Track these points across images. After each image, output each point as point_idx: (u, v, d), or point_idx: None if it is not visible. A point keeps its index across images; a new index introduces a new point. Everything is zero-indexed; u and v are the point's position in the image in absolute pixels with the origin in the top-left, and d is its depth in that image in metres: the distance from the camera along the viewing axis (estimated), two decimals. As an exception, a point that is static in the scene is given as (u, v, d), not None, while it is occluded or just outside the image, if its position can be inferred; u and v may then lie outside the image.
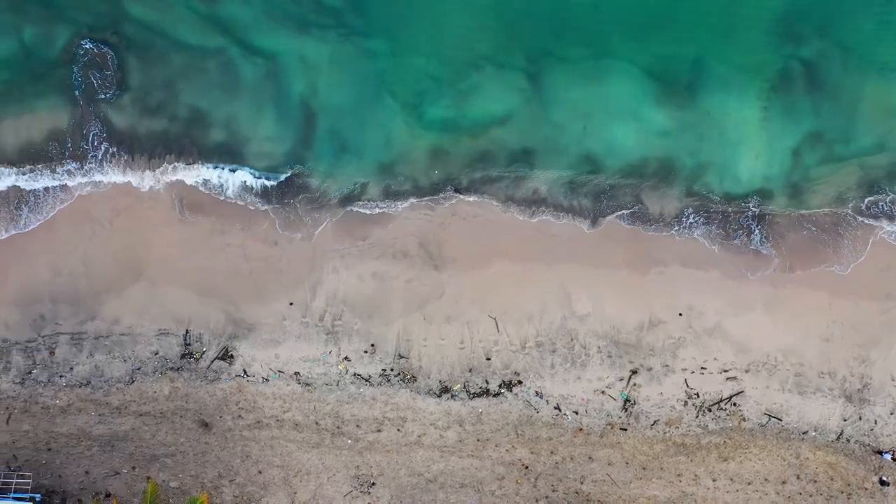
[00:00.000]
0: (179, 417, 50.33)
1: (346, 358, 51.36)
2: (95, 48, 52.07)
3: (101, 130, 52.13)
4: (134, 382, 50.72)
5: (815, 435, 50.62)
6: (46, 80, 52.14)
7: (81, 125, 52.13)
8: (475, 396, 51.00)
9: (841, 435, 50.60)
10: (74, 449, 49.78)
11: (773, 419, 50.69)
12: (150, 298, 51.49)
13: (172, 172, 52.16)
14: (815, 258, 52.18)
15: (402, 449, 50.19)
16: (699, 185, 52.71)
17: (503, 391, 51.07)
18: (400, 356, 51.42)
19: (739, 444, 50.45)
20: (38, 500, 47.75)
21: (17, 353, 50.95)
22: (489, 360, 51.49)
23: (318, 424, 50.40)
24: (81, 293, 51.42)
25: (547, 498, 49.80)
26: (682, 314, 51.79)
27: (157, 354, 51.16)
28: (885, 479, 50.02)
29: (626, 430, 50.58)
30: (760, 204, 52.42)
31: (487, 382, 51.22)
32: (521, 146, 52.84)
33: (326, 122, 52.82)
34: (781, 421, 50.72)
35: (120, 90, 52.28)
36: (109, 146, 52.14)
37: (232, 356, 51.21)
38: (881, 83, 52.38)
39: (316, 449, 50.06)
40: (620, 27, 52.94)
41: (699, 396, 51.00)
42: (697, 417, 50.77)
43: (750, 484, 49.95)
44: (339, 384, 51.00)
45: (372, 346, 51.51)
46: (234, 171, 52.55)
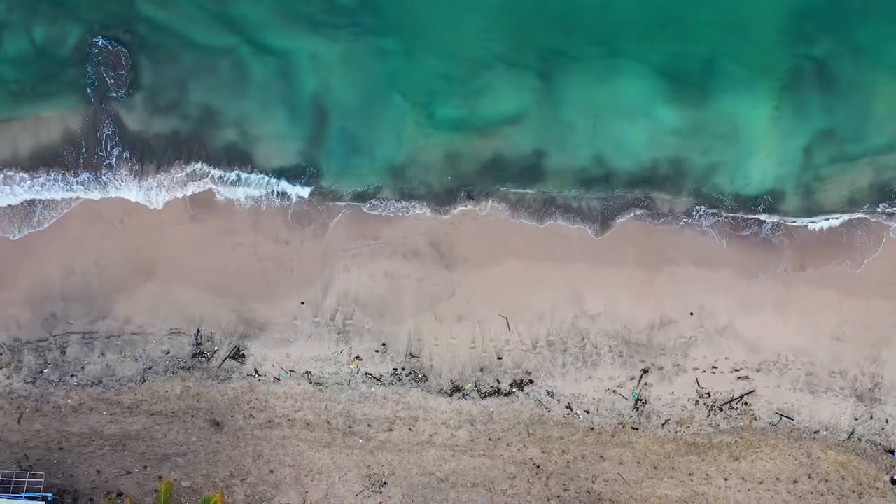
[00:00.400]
0: (191, 417, 50.30)
1: (357, 357, 51.32)
2: (109, 45, 52.06)
3: (114, 132, 51.95)
4: (145, 382, 50.69)
5: (826, 434, 50.59)
6: (59, 79, 51.99)
7: (95, 127, 51.97)
8: (486, 396, 50.97)
9: (852, 434, 50.59)
10: (86, 448, 49.74)
11: (784, 418, 50.67)
12: (161, 298, 51.43)
13: (186, 180, 52.03)
14: (826, 254, 52.11)
15: (413, 448, 50.16)
16: (710, 184, 52.66)
17: (514, 390, 51.05)
18: (411, 355, 51.38)
19: (751, 443, 50.42)
20: (49, 499, 47.65)
21: (28, 352, 50.90)
22: (500, 359, 51.47)
23: (329, 424, 50.37)
24: (93, 292, 51.37)
25: (558, 497, 49.77)
26: (693, 314, 51.74)
27: (168, 354, 51.12)
28: (896, 478, 50.13)
29: (637, 429, 50.57)
30: (772, 203, 52.45)
31: (499, 382, 51.20)
32: (532, 146, 52.74)
33: (337, 121, 52.72)
34: (793, 420, 50.70)
35: (133, 89, 52.15)
36: (122, 150, 51.97)
37: (243, 355, 51.17)
38: (893, 82, 52.31)
39: (327, 448, 50.03)
40: (631, 26, 52.88)
41: (710, 396, 50.98)
42: (709, 417, 50.75)
43: (761, 483, 49.93)
44: (350, 383, 50.97)
45: (383, 345, 51.48)
46: (245, 171, 52.50)
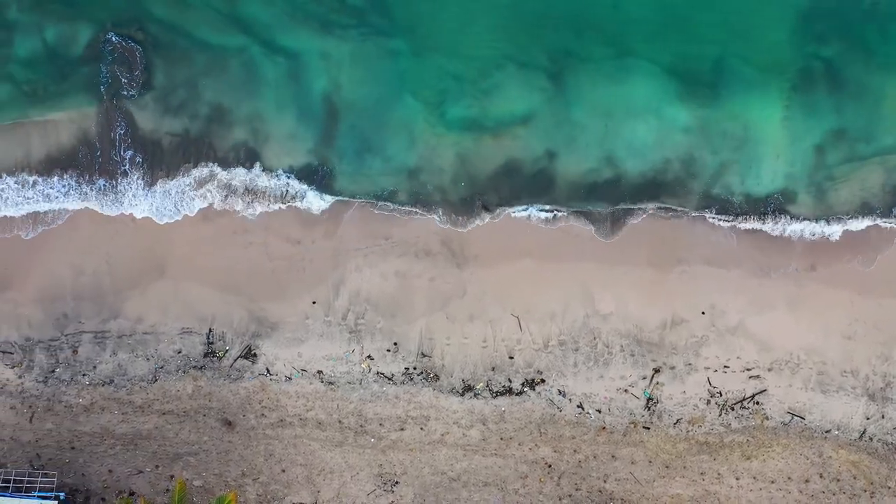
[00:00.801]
0: (202, 416, 50.27)
1: (369, 356, 51.32)
2: (123, 42, 52.14)
3: (126, 133, 52.02)
4: (157, 381, 50.67)
5: (837, 433, 50.56)
6: (71, 79, 52.12)
7: (108, 127, 52.04)
8: (498, 395, 50.95)
9: (864, 433, 50.55)
10: (98, 448, 49.70)
11: (795, 418, 50.65)
12: (172, 297, 51.46)
13: (201, 190, 52.26)
14: (837, 253, 52.13)
15: (425, 447, 50.13)
16: (721, 183, 52.66)
17: (526, 390, 51.03)
18: (423, 355, 51.37)
19: (762, 442, 50.39)
20: (62, 498, 47.61)
21: (40, 351, 50.90)
22: (512, 358, 51.46)
23: (341, 423, 50.33)
24: (104, 291, 51.38)
25: (570, 496, 49.73)
26: (704, 313, 51.73)
27: (180, 353, 51.11)
28: (908, 477, 50.07)
29: (649, 428, 50.54)
30: (782, 203, 52.50)
31: (510, 381, 51.18)
32: (543, 147, 52.73)
33: (348, 121, 52.72)
34: (804, 419, 50.67)
35: (146, 89, 52.26)
36: (135, 153, 52.04)
37: (255, 355, 51.16)
38: (904, 82, 52.64)
39: (339, 447, 49.99)
40: (641, 26, 52.88)
41: (722, 395, 50.95)
42: (720, 416, 50.73)
43: (773, 482, 49.89)
44: (362, 383, 50.95)
45: (395, 344, 51.48)
46: (256, 171, 52.55)
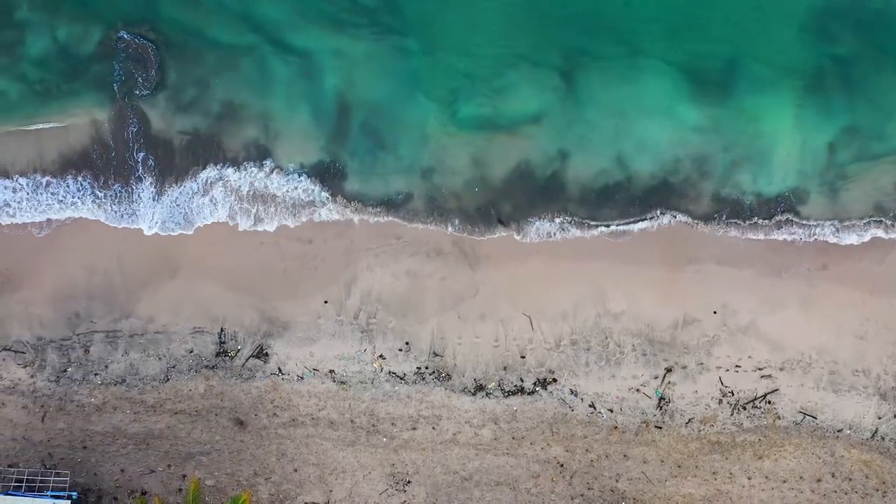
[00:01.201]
0: (215, 415, 50.25)
1: (380, 356, 51.29)
2: (136, 40, 52.01)
3: (139, 131, 51.92)
4: (169, 380, 50.64)
5: (849, 433, 50.56)
6: (83, 77, 51.99)
7: (122, 126, 51.89)
8: (510, 394, 50.94)
9: (876, 433, 50.55)
10: (110, 447, 49.69)
11: (807, 417, 50.65)
12: (184, 296, 51.40)
13: (213, 196, 52.22)
14: (848, 253, 52.06)
15: (437, 447, 50.12)
16: (732, 182, 52.57)
17: (538, 389, 51.01)
18: (434, 354, 51.35)
19: (774, 442, 50.39)
20: (74, 498, 47.60)
21: (52, 351, 50.86)
22: (524, 358, 51.43)
23: (353, 422, 50.32)
24: (116, 291, 51.34)
25: (582, 496, 49.73)
26: (716, 312, 51.70)
27: (191, 352, 51.08)
28: (920, 476, 50.07)
29: (661, 428, 50.54)
30: (794, 202, 52.45)
31: (522, 380, 51.16)
32: (555, 147, 52.60)
33: (360, 120, 52.63)
34: (816, 419, 50.66)
35: (159, 88, 52.15)
36: (147, 154, 51.97)
37: (267, 354, 51.14)
38: (917, 81, 52.56)
39: (351, 447, 49.99)
40: (653, 25, 52.75)
41: (734, 394, 50.94)
42: (732, 415, 50.72)
43: (785, 482, 49.90)
44: (373, 382, 50.93)
45: (406, 344, 51.45)
46: (268, 170, 52.48)
